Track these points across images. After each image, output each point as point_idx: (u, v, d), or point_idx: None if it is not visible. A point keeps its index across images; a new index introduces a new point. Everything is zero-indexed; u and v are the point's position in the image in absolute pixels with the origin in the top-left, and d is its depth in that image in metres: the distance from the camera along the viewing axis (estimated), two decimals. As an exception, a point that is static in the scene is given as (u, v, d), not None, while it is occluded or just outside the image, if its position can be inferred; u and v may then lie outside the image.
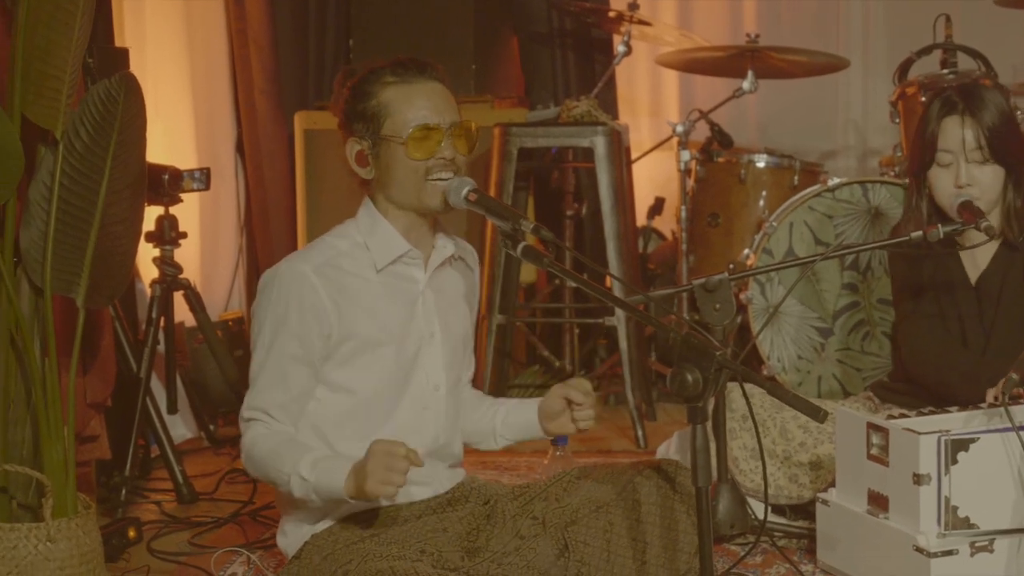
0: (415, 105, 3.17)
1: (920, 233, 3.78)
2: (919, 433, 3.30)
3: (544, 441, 4.25)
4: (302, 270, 3.15)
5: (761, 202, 5.85)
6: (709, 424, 2.90)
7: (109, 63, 4.65)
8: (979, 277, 3.97)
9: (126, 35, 5.52)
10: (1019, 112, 5.17)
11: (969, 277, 4.00)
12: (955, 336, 3.99)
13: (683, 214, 5.80)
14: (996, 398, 3.56)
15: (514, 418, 3.43)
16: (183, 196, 4.97)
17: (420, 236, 3.25)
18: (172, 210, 4.95)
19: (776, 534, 4.08)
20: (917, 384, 4.11)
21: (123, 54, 4.88)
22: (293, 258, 3.23)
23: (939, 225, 3.78)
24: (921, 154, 3.95)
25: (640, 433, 5.31)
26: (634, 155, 6.21)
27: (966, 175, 3.87)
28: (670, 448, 4.63)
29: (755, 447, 4.14)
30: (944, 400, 3.83)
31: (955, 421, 3.50)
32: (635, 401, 5.36)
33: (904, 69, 5.92)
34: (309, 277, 3.13)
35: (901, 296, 4.11)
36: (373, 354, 3.17)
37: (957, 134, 3.89)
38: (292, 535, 3.27)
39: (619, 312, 5.26)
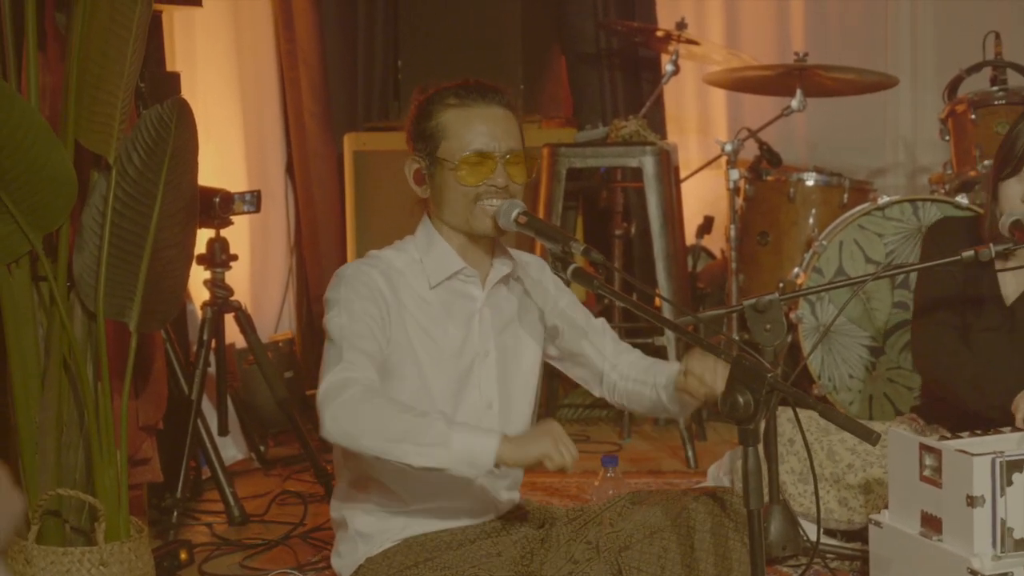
0: (471, 130, 3.16)
1: (972, 253, 3.73)
2: (973, 454, 3.27)
3: (594, 462, 4.26)
4: (368, 270, 3.16)
5: (811, 220, 5.83)
6: (761, 446, 2.89)
7: (161, 87, 4.68)
8: (1017, 298, 3.93)
9: (177, 59, 5.56)
10: None
11: (1006, 297, 3.95)
12: (982, 353, 3.94)
13: (732, 233, 5.79)
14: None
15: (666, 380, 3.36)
16: (234, 219, 4.99)
17: (476, 256, 3.24)
18: (223, 232, 4.97)
19: (828, 556, 4.06)
20: (932, 397, 4.08)
21: (175, 78, 4.92)
22: (358, 262, 3.23)
23: (991, 245, 3.73)
24: (1007, 163, 3.84)
25: (691, 453, 5.30)
26: (683, 174, 6.20)
27: None
28: (721, 468, 4.62)
29: (802, 471, 4.12)
30: (963, 418, 3.80)
31: (1009, 442, 3.48)
32: (685, 421, 5.34)
33: (954, 87, 5.91)
34: (375, 276, 3.14)
35: (924, 306, 4.06)
36: (420, 370, 3.17)
37: None
38: (347, 557, 3.27)
39: (669, 332, 5.25)
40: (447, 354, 3.20)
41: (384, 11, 6.53)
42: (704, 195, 6.77)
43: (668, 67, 6.09)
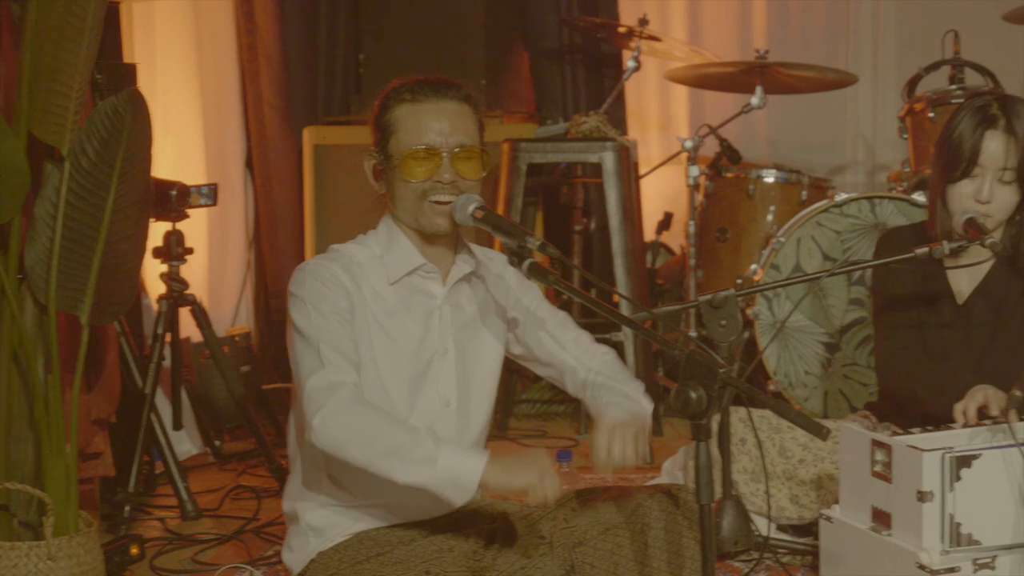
0: (419, 126, 3.14)
1: (926, 249, 3.74)
2: (923, 450, 3.29)
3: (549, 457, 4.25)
4: (330, 266, 3.14)
5: (770, 217, 5.84)
6: (713, 442, 2.89)
7: (118, 79, 4.66)
8: (971, 295, 3.94)
9: (136, 51, 5.54)
10: None
11: (958, 293, 3.96)
12: (936, 351, 3.95)
13: (691, 229, 5.80)
14: (964, 413, 3.55)
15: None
16: (191, 212, 4.97)
17: (438, 253, 3.22)
18: (180, 226, 4.96)
19: (780, 551, 4.07)
20: (890, 399, 4.10)
21: (131, 70, 4.89)
22: (318, 257, 3.22)
23: (944, 242, 3.74)
24: (956, 165, 3.82)
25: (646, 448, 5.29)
26: (643, 170, 6.21)
27: (989, 191, 3.79)
28: (675, 464, 4.63)
29: (754, 470, 4.13)
30: (916, 416, 3.81)
31: (958, 438, 3.49)
32: (642, 417, 5.33)
33: (912, 85, 5.93)
34: (337, 272, 3.13)
35: (881, 308, 4.07)
36: (377, 365, 3.16)
37: (997, 150, 3.78)
38: (298, 551, 3.26)
39: (626, 328, 5.25)
40: (405, 351, 3.19)
41: (346, 5, 6.52)
42: (664, 191, 6.78)
43: (630, 63, 6.09)
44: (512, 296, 3.37)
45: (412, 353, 3.19)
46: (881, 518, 3.45)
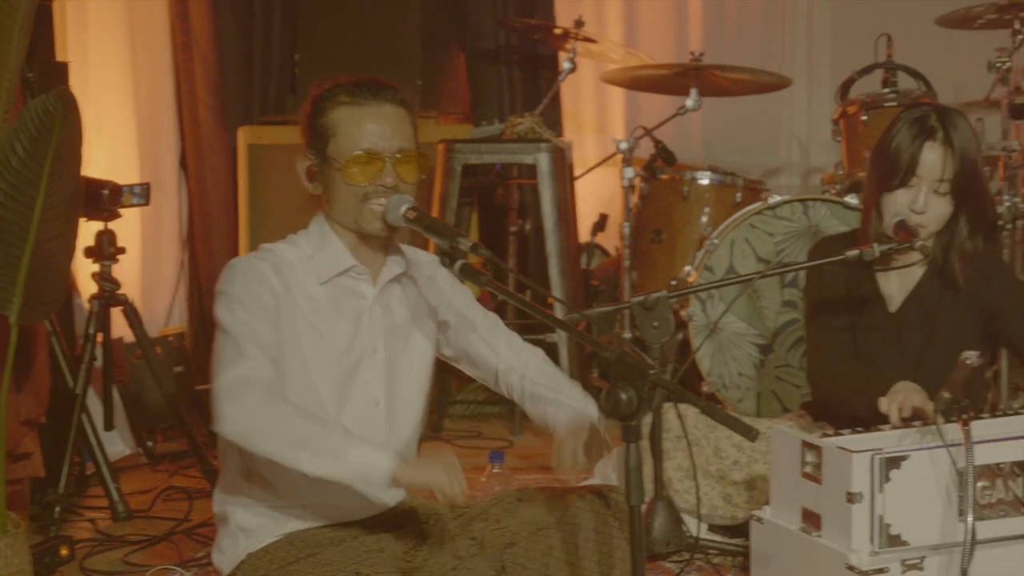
0: (361, 129, 3.13)
1: (857, 252, 3.77)
2: (852, 451, 3.31)
3: (482, 458, 4.26)
4: (259, 265, 3.13)
5: (704, 219, 5.86)
6: (644, 443, 2.89)
7: (49, 78, 4.63)
8: (903, 301, 3.97)
9: (69, 49, 5.50)
10: None
11: (888, 299, 3.98)
12: (867, 354, 3.98)
13: (626, 231, 5.80)
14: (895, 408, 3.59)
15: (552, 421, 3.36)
16: (123, 211, 4.95)
17: (369, 254, 3.22)
18: (113, 225, 4.93)
19: (711, 551, 4.09)
20: (819, 401, 4.12)
21: (63, 69, 4.86)
22: (248, 256, 3.20)
23: (875, 244, 3.77)
24: (893, 175, 3.83)
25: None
26: (579, 171, 6.23)
27: (924, 202, 3.80)
28: (608, 465, 4.63)
29: (689, 467, 4.14)
30: (844, 418, 3.84)
31: (888, 439, 3.52)
32: (576, 418, 5.34)
33: (846, 88, 5.98)
34: (266, 271, 3.11)
35: (813, 312, 4.09)
36: (306, 365, 3.15)
37: (935, 162, 3.79)
38: (228, 552, 3.24)
39: (560, 330, 5.26)
40: (334, 351, 3.18)
41: (282, 5, 6.50)
42: (600, 193, 6.80)
43: (566, 65, 6.10)
44: (443, 298, 3.37)
45: (342, 353, 3.18)
46: (811, 519, 3.46)
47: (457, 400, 6.15)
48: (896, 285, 3.98)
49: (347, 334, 3.19)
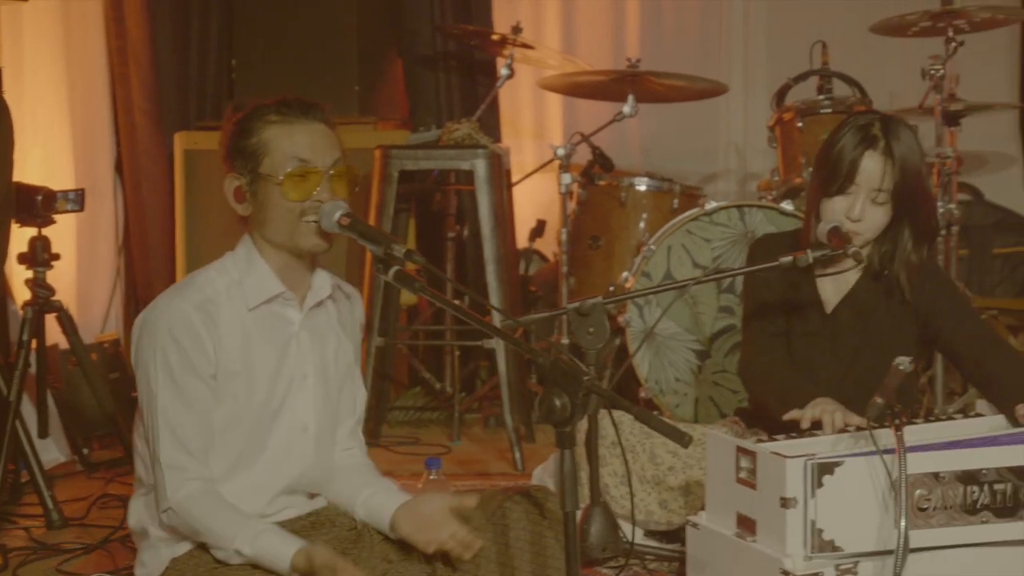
0: (295, 145, 3.13)
1: (790, 258, 3.78)
2: (786, 457, 3.32)
3: (419, 464, 4.25)
4: (183, 309, 3.10)
5: (642, 225, 5.88)
6: (579, 448, 2.90)
7: (-18, 83, 4.60)
8: (838, 304, 3.99)
9: (3, 55, 5.46)
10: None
11: (825, 302, 4.00)
12: (803, 358, 4.00)
13: (564, 236, 5.80)
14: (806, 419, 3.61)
15: (374, 501, 3.36)
16: (58, 217, 4.92)
17: (296, 276, 3.21)
18: (47, 231, 4.89)
19: (648, 557, 4.10)
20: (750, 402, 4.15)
21: (-4, 75, 4.83)
22: (171, 296, 3.16)
23: (808, 250, 3.78)
24: (832, 181, 3.83)
25: (518, 455, 5.32)
26: (517, 177, 6.23)
27: (860, 210, 3.81)
28: (546, 471, 4.64)
29: (625, 473, 4.15)
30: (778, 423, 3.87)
31: (822, 444, 3.53)
32: (513, 423, 5.36)
33: (781, 95, 6.01)
34: (191, 316, 3.09)
35: (750, 315, 4.10)
36: (239, 392, 3.14)
37: (874, 171, 3.79)
38: (151, 564, 3.22)
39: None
40: (264, 377, 3.17)
41: (218, 10, 6.47)
42: (537, 199, 6.80)
43: (503, 71, 6.10)
44: (356, 331, 3.41)
45: (270, 380, 3.18)
46: (746, 524, 3.48)
47: (395, 406, 6.14)
48: (832, 289, 4.00)
49: (275, 361, 3.19)
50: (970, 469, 3.36)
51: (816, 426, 3.62)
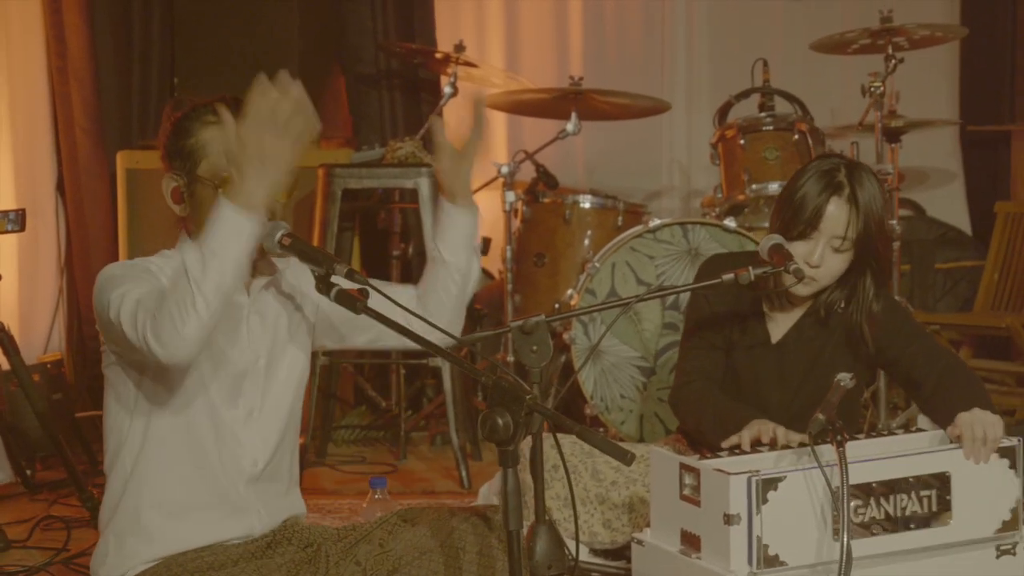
0: None
1: (732, 275, 3.76)
2: (729, 473, 3.33)
3: (365, 483, 4.25)
4: (142, 263, 3.11)
5: (586, 242, 5.90)
6: (524, 467, 2.89)
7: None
8: (785, 335, 3.99)
9: (-56, 74, 5.44)
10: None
11: (772, 333, 4.00)
12: (748, 374, 4.01)
13: (508, 254, 5.82)
14: (733, 447, 3.62)
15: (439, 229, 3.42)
16: (-3, 237, 4.90)
17: None
18: (-12, 252, 4.88)
19: (594, 574, 4.10)
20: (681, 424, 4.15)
21: (-64, 94, 4.80)
22: (124, 261, 3.17)
23: (749, 267, 3.76)
24: (794, 225, 3.79)
25: (464, 474, 5.32)
26: (461, 195, 6.22)
27: (820, 256, 3.78)
28: (492, 488, 4.64)
29: (567, 496, 4.13)
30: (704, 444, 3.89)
31: (766, 461, 3.55)
32: (459, 441, 5.36)
33: (723, 112, 6.05)
34: (151, 268, 3.09)
35: (690, 330, 4.10)
36: (188, 375, 3.12)
37: (839, 218, 3.76)
38: (104, 562, 3.20)
39: (442, 353, 5.26)
40: (223, 363, 3.15)
41: (160, 28, 6.44)
42: (482, 216, 6.77)
43: (447, 89, 6.11)
44: (311, 299, 3.36)
45: (221, 364, 3.16)
46: (691, 541, 3.48)
47: (342, 425, 6.13)
48: (780, 313, 4.00)
49: (226, 345, 3.17)
50: (897, 478, 3.41)
51: (758, 443, 3.63)
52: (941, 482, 3.46)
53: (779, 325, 3.99)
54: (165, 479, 3.12)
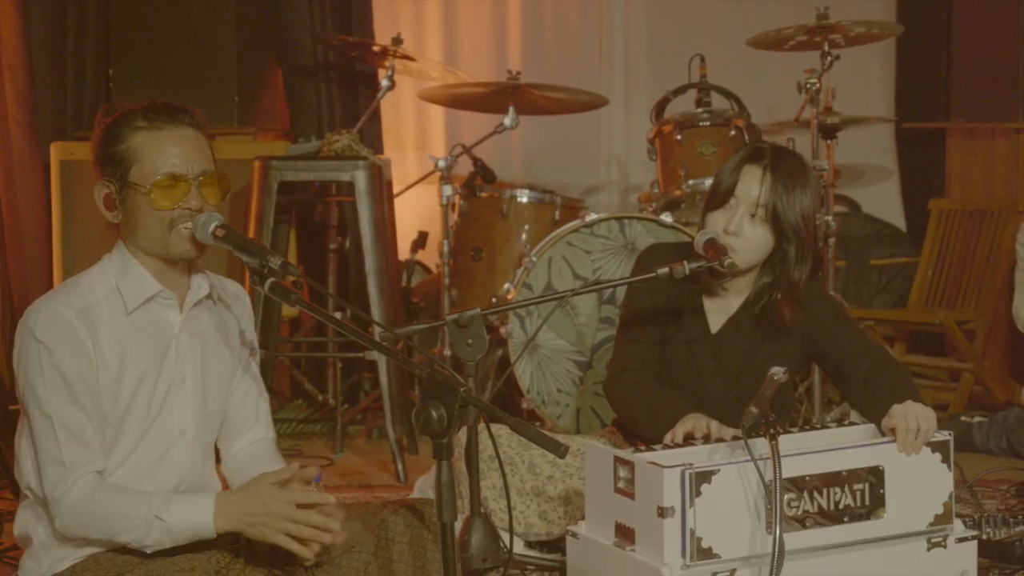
0: (163, 153, 3.10)
1: (667, 270, 3.77)
2: (663, 466, 3.35)
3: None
4: (65, 315, 3.06)
5: (524, 236, 5.90)
6: (458, 459, 2.89)
7: None
8: (723, 326, 4.01)
9: None
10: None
11: (711, 323, 4.03)
12: (685, 367, 4.03)
13: (446, 248, 5.81)
14: (673, 441, 3.64)
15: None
16: (-71, 228, 4.84)
17: (174, 278, 3.18)
18: (-82, 243, 4.82)
19: (528, 567, 4.11)
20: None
21: None
22: (51, 300, 3.12)
23: (684, 262, 3.79)
24: (715, 195, 3.89)
25: (400, 467, 5.31)
26: (399, 189, 6.22)
27: (737, 224, 3.83)
28: (427, 482, 4.64)
29: (503, 487, 4.14)
30: (636, 436, 3.90)
31: (699, 454, 3.56)
32: (396, 435, 5.35)
33: (661, 107, 6.06)
34: (73, 324, 3.05)
35: (626, 323, 4.11)
36: (117, 397, 3.11)
37: (752, 184, 3.83)
38: (31, 573, 3.18)
39: (379, 346, 5.25)
40: (142, 382, 3.14)
41: (95, 19, 6.39)
42: (420, 210, 6.80)
43: (384, 82, 6.09)
44: (247, 330, 3.38)
45: (150, 383, 3.15)
46: (625, 533, 3.49)
47: (278, 418, 6.08)
48: (717, 311, 4.02)
49: (154, 366, 3.16)
50: (830, 472, 3.44)
51: (691, 437, 3.65)
52: (875, 476, 3.50)
53: (717, 316, 4.01)
54: None
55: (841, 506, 3.46)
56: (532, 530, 4.17)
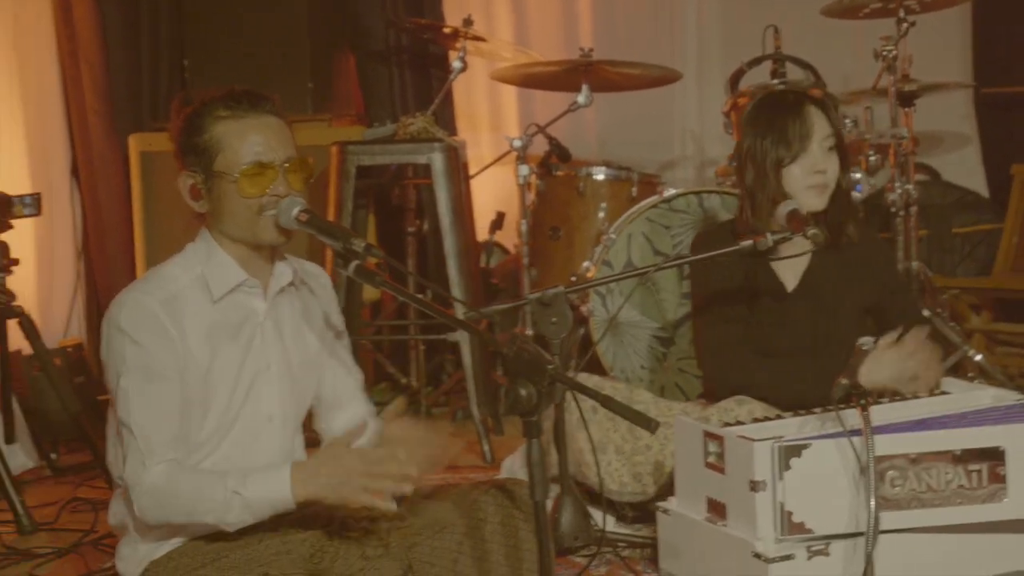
0: (248, 141, 3.12)
1: (751, 242, 3.78)
2: (753, 440, 3.33)
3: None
4: (149, 305, 3.08)
5: (601, 214, 5.88)
6: (547, 437, 2.90)
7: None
8: (797, 285, 4.02)
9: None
10: (848, 120, 5.32)
11: (784, 284, 4.03)
12: (760, 345, 4.02)
13: (524, 228, 5.80)
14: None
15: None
16: (15, 222, 4.90)
17: (258, 266, 3.21)
18: (5, 236, 4.88)
19: (620, 544, 4.11)
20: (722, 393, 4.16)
21: (-52, 81, 4.81)
22: (135, 290, 3.15)
23: (768, 234, 3.79)
24: (787, 149, 3.93)
25: (486, 448, 5.32)
26: (474, 170, 6.22)
27: (824, 159, 3.92)
28: (515, 461, 4.65)
29: (600, 439, 4.12)
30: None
31: (789, 427, 3.55)
32: (480, 416, 5.36)
33: (735, 80, 6.01)
34: (158, 314, 3.08)
35: (704, 304, 4.12)
36: (205, 386, 3.13)
37: (819, 119, 3.94)
38: (129, 560, 3.21)
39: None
40: (229, 370, 3.16)
41: (168, 10, 6.43)
42: (496, 191, 6.81)
43: (456, 64, 6.08)
44: (331, 315, 3.40)
45: (234, 372, 3.17)
46: (716, 508, 3.49)
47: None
48: (791, 273, 4.02)
49: (239, 355, 3.18)
50: (943, 451, 3.35)
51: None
52: (993, 457, 3.38)
53: (789, 277, 4.02)
54: None
55: (954, 486, 3.36)
56: (626, 489, 4.15)
